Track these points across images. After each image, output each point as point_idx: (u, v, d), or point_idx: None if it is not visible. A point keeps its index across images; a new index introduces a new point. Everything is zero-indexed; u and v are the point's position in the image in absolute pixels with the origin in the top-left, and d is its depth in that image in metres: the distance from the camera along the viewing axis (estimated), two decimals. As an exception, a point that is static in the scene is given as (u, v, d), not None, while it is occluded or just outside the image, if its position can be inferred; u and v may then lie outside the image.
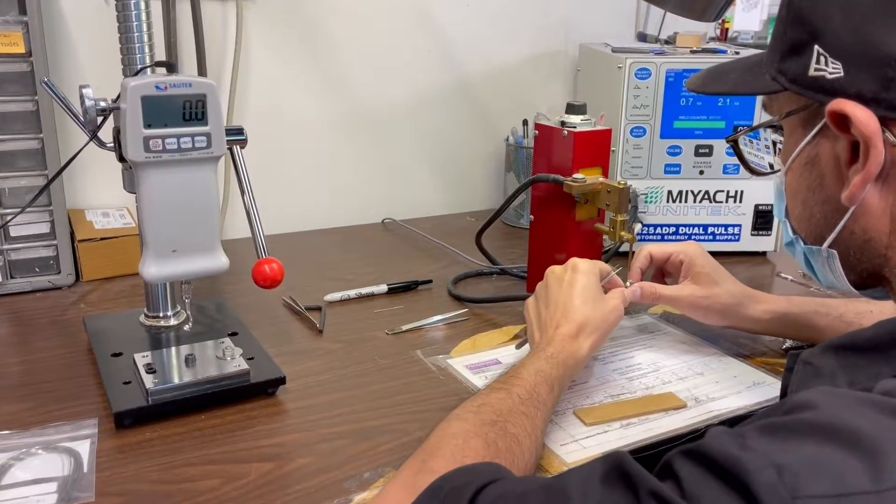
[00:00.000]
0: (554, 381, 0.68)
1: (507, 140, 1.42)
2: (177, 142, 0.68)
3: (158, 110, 0.67)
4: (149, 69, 0.75)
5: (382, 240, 1.32)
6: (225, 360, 0.77)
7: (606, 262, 1.03)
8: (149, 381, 0.73)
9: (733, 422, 0.75)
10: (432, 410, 0.75)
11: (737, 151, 0.64)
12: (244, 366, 0.76)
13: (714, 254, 1.20)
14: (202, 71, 1.16)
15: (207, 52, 1.17)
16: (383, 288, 1.04)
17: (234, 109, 1.22)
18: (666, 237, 1.19)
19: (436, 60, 1.41)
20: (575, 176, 0.88)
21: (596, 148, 0.90)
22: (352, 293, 1.02)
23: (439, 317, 0.96)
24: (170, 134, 0.68)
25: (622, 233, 0.86)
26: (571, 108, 0.91)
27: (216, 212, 0.75)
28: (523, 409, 0.63)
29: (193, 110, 0.69)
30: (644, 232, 1.18)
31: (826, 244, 0.55)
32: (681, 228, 1.19)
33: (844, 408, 0.39)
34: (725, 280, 0.86)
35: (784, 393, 0.58)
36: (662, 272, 0.91)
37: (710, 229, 1.20)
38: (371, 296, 1.04)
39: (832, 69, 0.50)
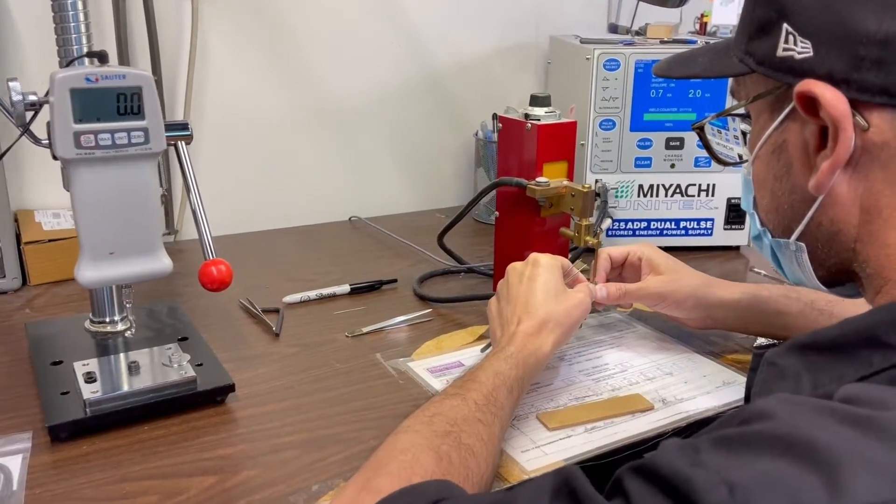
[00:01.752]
0: (513, 383, 0.65)
1: (476, 135, 1.38)
2: (111, 137, 0.64)
3: (90, 104, 0.63)
4: (82, 60, 0.71)
5: (348, 238, 1.28)
6: (171, 367, 0.73)
7: (573, 260, 1.00)
8: (87, 391, 0.69)
9: (702, 424, 0.73)
10: (389, 417, 0.72)
11: (703, 139, 0.61)
12: (191, 373, 0.73)
13: (686, 249, 1.19)
14: (156, 66, 1.12)
15: (161, 46, 1.13)
16: (345, 288, 1.01)
17: (190, 105, 1.18)
18: (637, 232, 1.17)
19: (402, 53, 1.37)
20: (538, 179, 0.85)
21: (561, 141, 0.87)
22: (312, 294, 0.99)
23: (402, 318, 0.93)
24: (103, 129, 0.64)
25: (587, 237, 0.84)
26: (535, 101, 0.88)
27: (156, 211, 0.71)
28: (479, 417, 0.60)
29: (128, 104, 0.65)
30: (615, 227, 1.16)
31: (794, 237, 0.53)
32: (652, 223, 1.17)
33: (802, 418, 0.36)
34: (687, 269, 0.85)
35: (748, 394, 0.55)
36: (621, 276, 0.88)
37: (681, 224, 1.17)
38: (332, 297, 1.00)
39: (801, 48, 0.47)
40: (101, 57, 0.65)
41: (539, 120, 0.87)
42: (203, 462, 0.65)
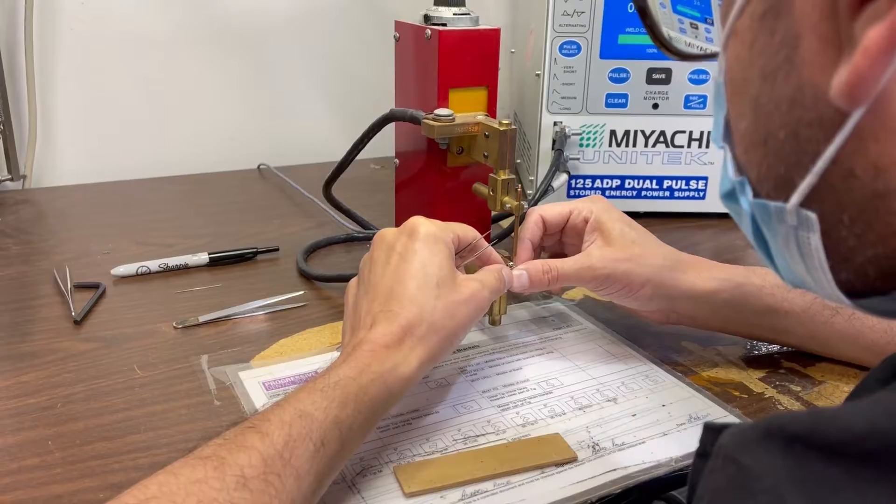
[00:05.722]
0: (329, 433, 0.40)
1: (421, 66, 1.11)
2: None
3: None
4: None
5: (249, 192, 1.03)
6: None
7: (504, 232, 0.75)
8: None
9: (645, 490, 0.48)
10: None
11: (644, 17, 0.34)
12: None
13: (671, 215, 0.93)
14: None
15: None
16: (203, 258, 0.76)
17: (33, 16, 0.92)
18: (606, 193, 0.90)
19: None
20: (438, 112, 0.58)
21: (478, 58, 0.61)
22: (152, 265, 0.74)
23: (261, 302, 0.68)
24: None
25: (504, 198, 0.57)
26: (441, -3, 0.61)
27: None
28: (239, 500, 0.35)
29: None
30: (574, 186, 0.89)
31: (796, 198, 0.27)
32: (627, 181, 0.90)
33: None
34: (648, 239, 0.59)
35: (690, 498, 0.30)
36: (561, 244, 0.63)
37: (666, 183, 0.91)
38: (184, 269, 0.75)
39: None
40: None
41: (445, 25, 0.60)
42: None
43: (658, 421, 0.53)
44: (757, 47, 0.27)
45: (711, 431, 0.28)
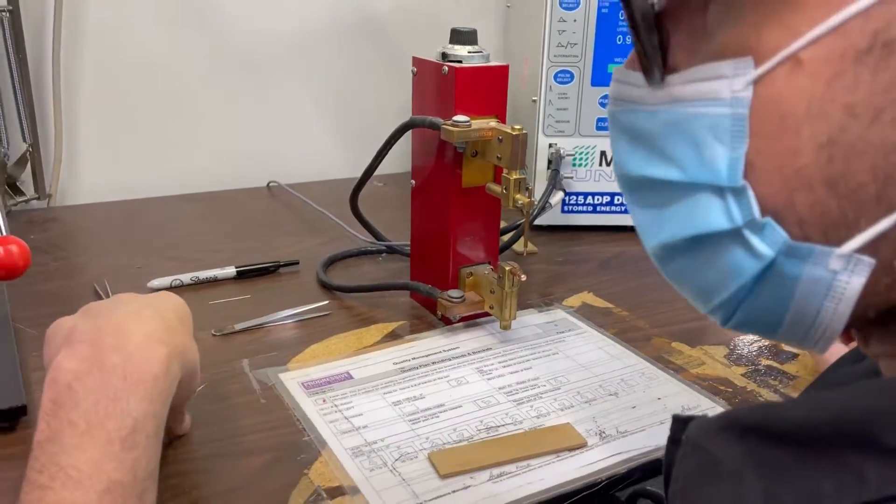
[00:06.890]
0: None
1: (421, 89, 1.18)
2: None
3: None
4: None
5: (260, 209, 1.09)
6: (-55, 380, 0.55)
7: (513, 239, 0.82)
8: None
9: (646, 469, 0.55)
10: (228, 457, 0.53)
11: (631, 17, 0.30)
12: (-32, 389, 0.54)
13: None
14: (11, -9, 0.91)
15: (21, -33, 0.92)
16: (230, 272, 0.82)
17: (60, 44, 0.97)
18: (598, 208, 0.98)
19: (334, -9, 1.16)
20: (456, 118, 0.65)
21: (488, 89, 0.68)
22: (185, 278, 0.80)
23: (290, 311, 0.74)
24: None
25: (517, 195, 0.64)
26: (456, 37, 0.68)
27: None
28: None
29: None
30: (569, 202, 0.97)
31: (856, 243, 0.26)
32: (616, 198, 0.98)
33: None
34: None
35: (667, 479, 0.36)
36: None
37: (652, 199, 0.98)
38: (213, 282, 0.81)
39: None
40: None
41: (460, 62, 0.67)
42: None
43: (655, 412, 0.60)
44: (843, 83, 0.25)
45: (680, 422, 0.34)
